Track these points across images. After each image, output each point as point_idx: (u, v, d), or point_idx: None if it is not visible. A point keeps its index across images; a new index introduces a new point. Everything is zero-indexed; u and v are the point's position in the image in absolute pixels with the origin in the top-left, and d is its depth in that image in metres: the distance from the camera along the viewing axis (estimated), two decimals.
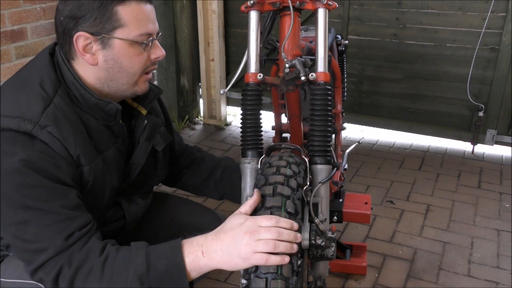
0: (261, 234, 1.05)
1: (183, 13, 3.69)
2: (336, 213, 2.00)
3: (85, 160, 1.19)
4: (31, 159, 1.11)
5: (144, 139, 1.40)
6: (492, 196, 2.87)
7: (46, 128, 1.14)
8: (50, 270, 1.11)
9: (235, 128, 3.92)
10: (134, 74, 1.27)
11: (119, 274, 1.09)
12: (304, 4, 1.37)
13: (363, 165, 3.28)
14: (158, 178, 1.54)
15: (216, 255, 1.08)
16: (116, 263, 1.10)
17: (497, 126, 3.30)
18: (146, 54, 1.26)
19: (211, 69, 3.83)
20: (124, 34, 1.21)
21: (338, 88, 2.20)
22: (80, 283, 1.10)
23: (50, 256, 1.11)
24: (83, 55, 1.21)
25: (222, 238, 1.09)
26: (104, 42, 1.21)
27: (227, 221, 1.13)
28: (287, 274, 1.07)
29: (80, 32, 1.19)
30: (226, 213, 2.67)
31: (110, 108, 1.26)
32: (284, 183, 1.16)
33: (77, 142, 1.18)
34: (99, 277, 1.09)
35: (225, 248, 1.07)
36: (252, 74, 1.37)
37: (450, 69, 3.32)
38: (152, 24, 1.26)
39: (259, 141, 1.37)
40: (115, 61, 1.23)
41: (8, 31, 2.63)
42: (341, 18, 3.47)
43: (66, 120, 1.18)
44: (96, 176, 1.23)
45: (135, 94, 1.33)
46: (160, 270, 1.08)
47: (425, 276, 2.19)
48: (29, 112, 1.15)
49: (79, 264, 1.10)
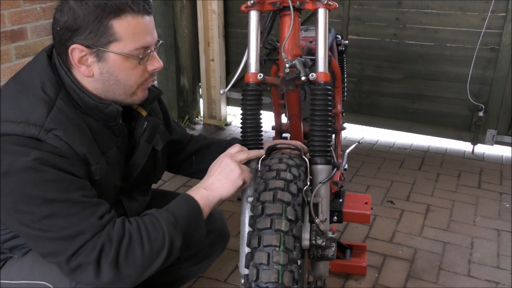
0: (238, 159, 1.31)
1: (183, 13, 3.69)
2: (336, 213, 2.00)
3: (92, 159, 1.20)
4: (44, 157, 1.11)
5: (145, 141, 1.40)
6: (492, 196, 2.87)
7: (52, 132, 1.14)
8: (91, 251, 1.11)
9: (235, 128, 3.91)
10: (131, 87, 1.27)
11: (155, 231, 1.18)
12: (304, 4, 1.37)
13: (363, 165, 3.28)
14: (157, 176, 1.54)
15: (215, 186, 1.29)
16: (148, 225, 1.18)
17: (497, 126, 3.30)
18: (142, 67, 1.26)
19: (211, 69, 3.83)
20: (119, 49, 1.19)
21: (338, 88, 2.20)
22: (123, 256, 1.13)
23: (88, 238, 1.12)
24: (79, 67, 1.21)
25: (213, 173, 1.31)
26: (99, 55, 1.20)
27: (212, 165, 1.33)
28: (288, 283, 1.06)
29: (75, 45, 1.18)
30: (226, 212, 2.68)
31: (110, 110, 1.26)
32: (284, 189, 1.16)
33: (83, 143, 1.18)
34: (140, 242, 1.15)
35: (219, 178, 1.29)
36: (252, 74, 1.37)
37: (450, 69, 3.32)
38: (150, 36, 1.24)
39: (259, 141, 1.37)
40: (110, 74, 1.22)
41: (8, 31, 2.63)
42: (341, 18, 3.47)
43: (70, 122, 1.18)
44: (102, 176, 1.24)
45: (134, 103, 1.33)
46: (183, 215, 1.22)
47: (425, 276, 2.19)
48: (33, 116, 1.14)
49: (119, 237, 1.14)
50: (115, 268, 1.12)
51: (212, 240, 1.63)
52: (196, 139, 1.69)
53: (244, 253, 1.22)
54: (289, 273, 1.07)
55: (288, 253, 1.09)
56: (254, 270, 1.08)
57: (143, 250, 1.15)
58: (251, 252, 1.10)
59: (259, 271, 1.07)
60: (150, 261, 1.16)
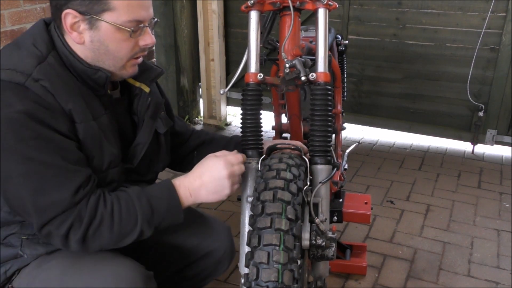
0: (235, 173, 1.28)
1: (183, 13, 3.69)
2: (336, 213, 2.00)
3: (78, 117, 1.19)
4: (28, 110, 1.11)
5: (149, 117, 1.40)
6: (492, 196, 2.87)
7: (40, 82, 1.15)
8: (60, 225, 1.14)
9: (235, 128, 3.92)
10: (120, 59, 1.27)
11: (127, 220, 1.20)
12: (304, 4, 1.37)
13: (363, 165, 3.28)
14: (162, 163, 1.53)
15: (201, 193, 1.28)
16: (123, 212, 1.20)
17: (497, 126, 3.30)
18: (134, 40, 1.25)
19: (211, 69, 3.83)
20: (112, 18, 1.20)
21: (338, 88, 2.20)
22: (91, 235, 1.17)
23: (58, 212, 1.14)
24: (71, 32, 1.21)
25: (204, 178, 1.27)
26: (92, 23, 1.20)
27: (204, 163, 1.30)
28: (288, 282, 1.06)
29: (69, 10, 1.19)
30: (226, 212, 2.68)
31: (99, 76, 1.25)
32: (285, 188, 1.16)
33: (69, 99, 1.18)
34: (110, 226, 1.18)
35: (208, 187, 1.27)
36: (252, 74, 1.37)
37: (450, 69, 3.32)
38: (145, 11, 1.24)
39: (259, 141, 1.37)
40: (101, 43, 1.23)
41: (8, 31, 2.63)
42: (341, 18, 3.47)
43: (59, 78, 1.19)
44: (93, 137, 1.23)
45: (122, 77, 1.33)
46: (162, 211, 1.24)
47: (425, 276, 2.19)
48: (22, 65, 1.16)
49: (89, 218, 1.16)
50: (82, 243, 1.17)
51: (218, 259, 1.60)
52: (197, 133, 1.68)
53: (244, 253, 1.23)
54: (289, 272, 1.07)
55: (288, 252, 1.09)
56: (254, 269, 1.08)
57: (112, 233, 1.19)
58: (251, 251, 1.11)
59: (259, 270, 1.07)
60: (117, 241, 1.21)
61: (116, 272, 1.22)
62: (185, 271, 1.60)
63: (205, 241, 1.58)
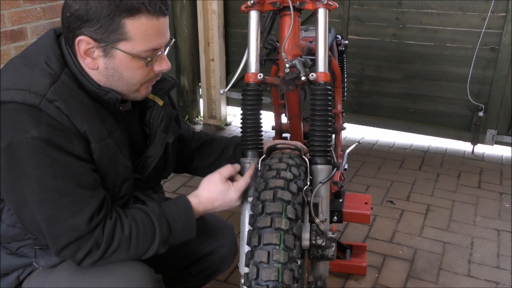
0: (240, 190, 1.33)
1: (183, 13, 3.69)
2: (336, 213, 2.00)
3: (93, 138, 1.17)
4: (45, 135, 1.09)
5: (162, 131, 1.38)
6: (492, 196, 2.87)
7: (54, 103, 1.12)
8: (76, 251, 1.16)
9: (235, 128, 3.92)
10: (134, 84, 1.24)
11: (144, 242, 1.22)
12: (304, 4, 1.37)
13: (363, 165, 3.28)
14: (168, 171, 1.52)
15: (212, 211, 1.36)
16: (141, 234, 1.21)
17: (497, 126, 3.30)
18: (149, 67, 1.23)
19: (211, 69, 3.83)
20: (128, 48, 1.16)
21: (338, 88, 2.20)
22: (106, 258, 1.20)
23: (72, 239, 1.14)
24: (84, 58, 1.18)
25: (217, 204, 1.33)
26: (107, 51, 1.17)
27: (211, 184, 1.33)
28: (288, 281, 1.06)
29: (83, 36, 1.14)
30: (226, 212, 2.68)
31: (109, 98, 1.23)
32: (285, 188, 1.16)
33: (84, 120, 1.16)
34: (126, 249, 1.20)
35: (218, 208, 1.35)
36: (252, 74, 1.37)
37: (450, 69, 3.32)
38: (162, 38, 1.20)
39: (259, 141, 1.37)
40: (115, 70, 1.20)
41: (8, 31, 2.63)
42: (341, 18, 3.47)
43: (73, 97, 1.16)
44: (108, 156, 1.21)
45: (135, 99, 1.30)
46: (177, 231, 1.27)
47: (425, 276, 2.19)
48: (36, 85, 1.13)
49: (107, 245, 1.18)
50: (97, 263, 1.20)
51: (222, 256, 1.61)
52: (198, 135, 1.67)
53: (244, 252, 1.23)
54: (289, 271, 1.07)
55: (288, 251, 1.09)
56: (254, 268, 1.08)
57: (128, 254, 1.22)
58: (251, 251, 1.11)
59: (259, 270, 1.07)
60: (131, 259, 1.24)
61: (126, 274, 1.23)
62: (190, 268, 1.61)
63: (209, 239, 1.59)
